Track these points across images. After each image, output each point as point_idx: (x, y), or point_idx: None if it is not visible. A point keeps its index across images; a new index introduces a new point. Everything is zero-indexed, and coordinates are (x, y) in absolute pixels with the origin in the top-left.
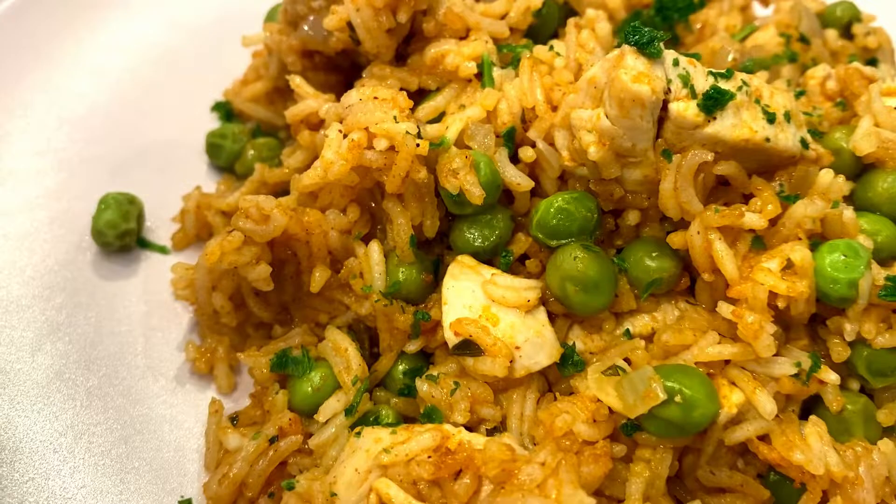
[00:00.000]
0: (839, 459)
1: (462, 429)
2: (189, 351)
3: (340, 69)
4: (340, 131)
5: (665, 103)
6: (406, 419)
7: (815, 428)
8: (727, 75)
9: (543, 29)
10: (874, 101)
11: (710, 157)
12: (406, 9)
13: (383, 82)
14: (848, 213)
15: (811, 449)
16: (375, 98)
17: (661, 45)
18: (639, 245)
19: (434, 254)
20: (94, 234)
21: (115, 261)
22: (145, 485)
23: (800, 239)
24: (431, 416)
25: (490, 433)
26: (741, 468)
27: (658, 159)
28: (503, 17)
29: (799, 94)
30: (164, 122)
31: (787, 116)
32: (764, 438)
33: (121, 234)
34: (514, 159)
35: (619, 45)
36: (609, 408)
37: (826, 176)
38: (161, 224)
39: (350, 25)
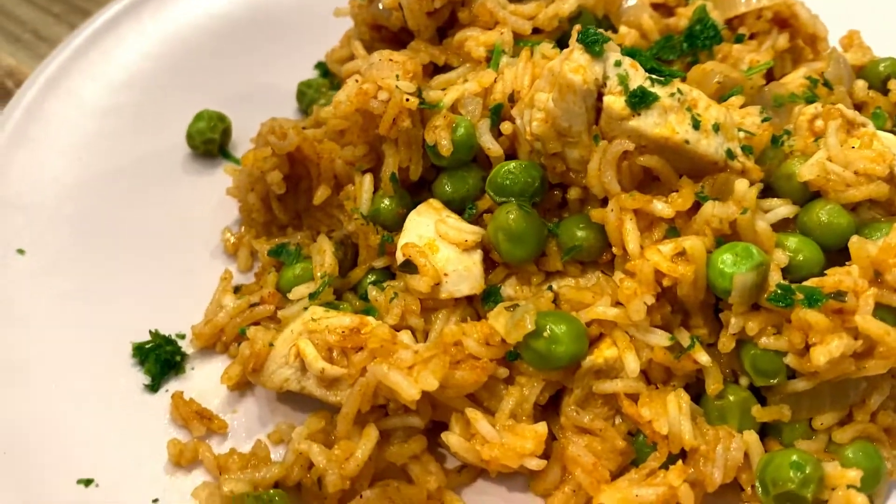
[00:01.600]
0: (693, 431)
1: (380, 322)
2: (224, 234)
3: (402, 43)
4: (357, 80)
5: (601, 95)
6: None
7: (677, 398)
8: (664, 82)
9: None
10: (829, 136)
11: (630, 146)
12: None
13: (416, 53)
14: (762, 224)
15: (666, 413)
16: (391, 60)
17: (604, 46)
18: (574, 217)
19: (420, 197)
20: (187, 138)
21: (199, 162)
22: (165, 311)
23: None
24: (369, 312)
25: None
26: (615, 423)
27: (590, 143)
28: (531, 18)
29: (765, 120)
30: (271, 70)
31: (716, 127)
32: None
33: (206, 141)
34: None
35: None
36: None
37: (741, 185)
38: (242, 143)
39: (400, 5)
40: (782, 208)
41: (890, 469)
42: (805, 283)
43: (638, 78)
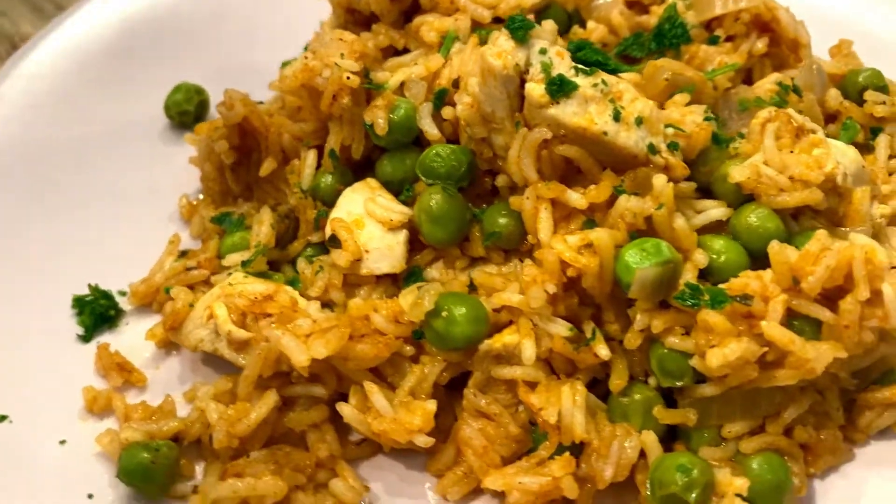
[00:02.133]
0: (588, 424)
1: (297, 294)
2: (181, 201)
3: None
4: (306, 58)
5: (524, 82)
6: None
7: (572, 390)
8: (588, 72)
9: None
10: (766, 139)
11: (549, 135)
12: None
13: (375, 36)
14: (680, 222)
15: (558, 403)
16: (340, 39)
17: (530, 33)
18: (499, 205)
19: (364, 176)
20: (164, 109)
21: (176, 132)
22: (115, 269)
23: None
24: (294, 283)
25: None
26: (517, 410)
27: (513, 129)
28: (492, 7)
29: (707, 119)
30: (261, 48)
31: (639, 121)
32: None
33: (181, 113)
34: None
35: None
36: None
37: (658, 180)
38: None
39: None
40: (715, 210)
41: (798, 486)
42: (717, 286)
43: (562, 67)
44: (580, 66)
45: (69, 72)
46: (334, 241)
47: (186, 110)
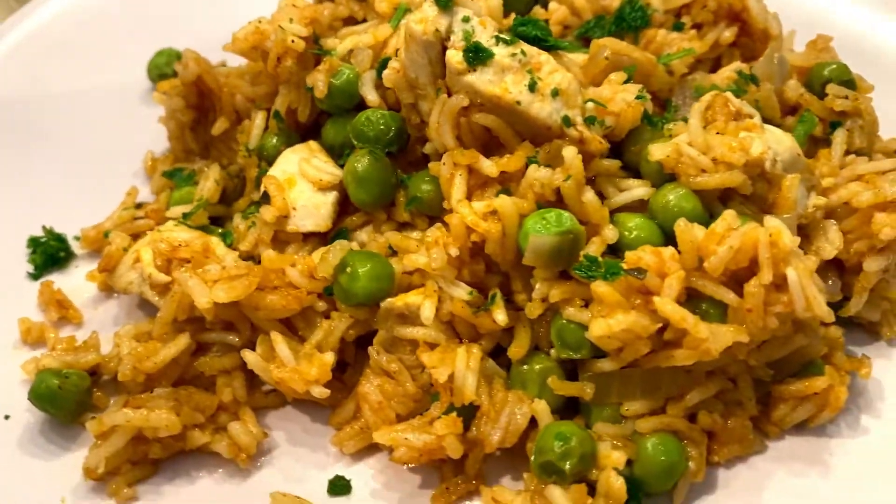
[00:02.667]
0: (480, 388)
1: (220, 244)
2: (146, 157)
3: None
4: (259, 21)
5: (445, 49)
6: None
7: (467, 352)
8: (509, 42)
9: (510, 9)
10: (691, 118)
11: (466, 102)
12: None
13: (336, 6)
14: (590, 195)
15: (452, 366)
16: (293, 5)
17: (454, 0)
18: (424, 171)
19: (311, 140)
20: (147, 71)
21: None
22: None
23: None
24: (225, 237)
25: None
26: (423, 371)
27: (434, 96)
28: None
29: (639, 97)
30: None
31: (555, 93)
32: None
33: (161, 75)
34: None
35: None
36: None
37: (568, 152)
38: None
39: None
40: (638, 189)
41: (694, 470)
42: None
43: (484, 35)
44: (502, 36)
45: (64, 34)
46: (266, 198)
47: (165, 73)
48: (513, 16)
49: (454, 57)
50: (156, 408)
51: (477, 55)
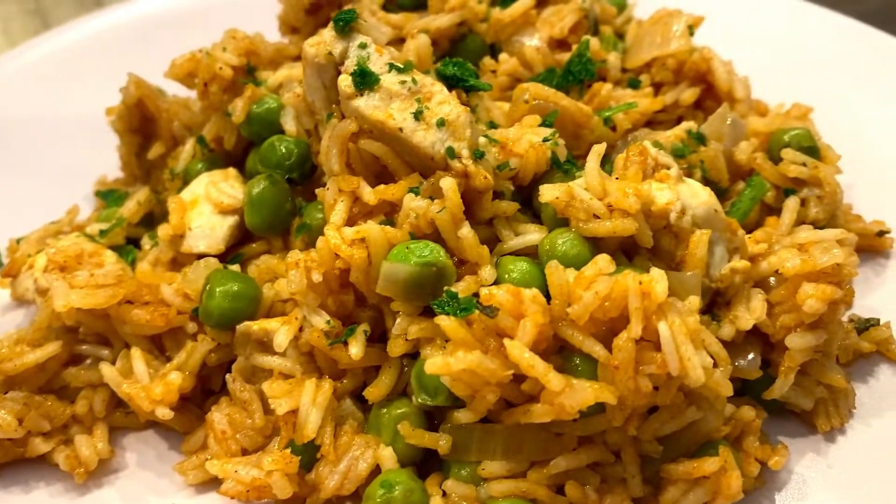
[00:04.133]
0: (318, 424)
1: (119, 263)
2: (99, 180)
3: None
4: (199, 51)
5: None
6: None
7: (314, 387)
8: (401, 70)
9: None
10: (589, 161)
11: (354, 127)
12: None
13: (286, 45)
14: (465, 231)
15: (297, 400)
16: (232, 37)
17: (353, 26)
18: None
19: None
20: None
21: None
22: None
23: None
24: (127, 255)
25: None
26: None
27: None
28: (398, 28)
29: (546, 140)
30: None
31: (440, 122)
32: None
33: None
34: None
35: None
36: None
37: (444, 183)
38: None
39: None
40: (533, 234)
41: None
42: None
43: (379, 62)
44: (395, 63)
45: (68, 62)
46: (164, 217)
47: None
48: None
49: (344, 81)
50: (1, 409)
51: (364, 79)
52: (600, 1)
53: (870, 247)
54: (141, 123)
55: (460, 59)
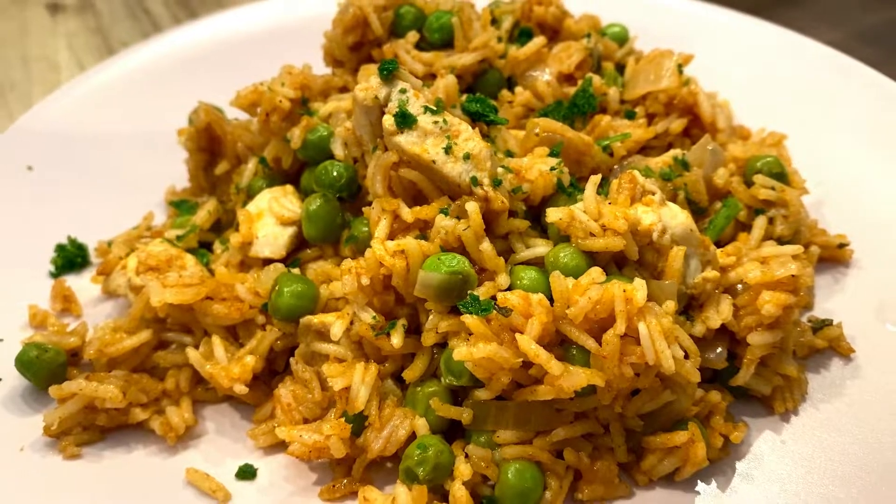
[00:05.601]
0: (367, 399)
1: (192, 260)
2: (168, 190)
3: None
4: (261, 84)
5: (384, 113)
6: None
7: (364, 369)
8: (435, 112)
9: (482, 90)
10: (587, 188)
11: (395, 158)
12: (356, 35)
13: (332, 77)
14: (485, 245)
15: (349, 379)
16: (288, 72)
17: (395, 74)
18: (365, 216)
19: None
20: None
21: None
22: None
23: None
24: (202, 258)
25: None
26: None
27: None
28: (428, 65)
29: (553, 169)
30: None
31: (466, 156)
32: None
33: None
34: None
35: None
36: None
37: (470, 206)
38: None
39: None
40: (540, 248)
41: (550, 499)
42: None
43: (415, 105)
44: (430, 106)
45: (136, 83)
46: (238, 227)
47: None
48: (465, 96)
49: (387, 120)
50: (107, 384)
51: (404, 119)
52: (603, 39)
53: (832, 257)
54: (208, 143)
55: (482, 95)
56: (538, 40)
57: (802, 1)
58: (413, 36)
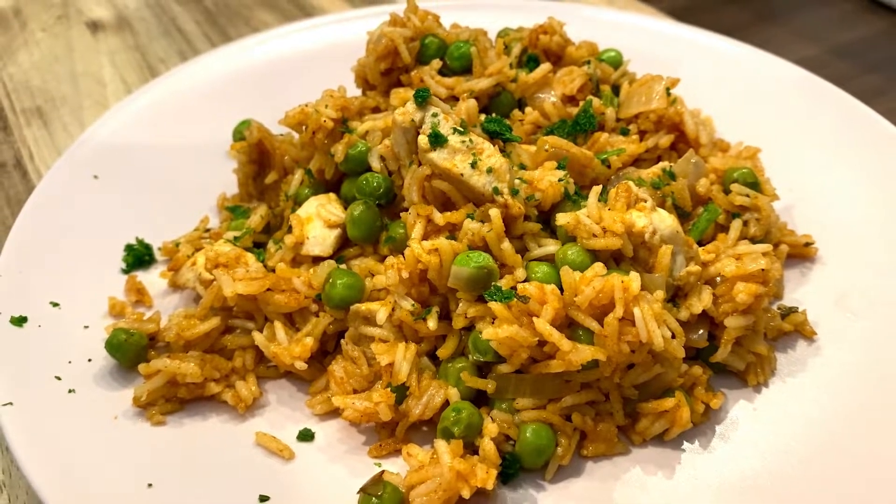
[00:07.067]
0: (408, 372)
1: (253, 258)
2: (220, 197)
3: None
4: (306, 105)
5: (419, 133)
6: None
7: (406, 348)
8: (461, 132)
9: (497, 111)
10: (591, 196)
11: (428, 171)
12: (387, 62)
13: (366, 99)
14: (506, 244)
15: (393, 356)
16: (330, 95)
17: (428, 101)
18: (401, 220)
19: (333, 192)
20: (232, 134)
21: None
22: (170, 232)
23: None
24: (259, 255)
25: None
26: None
27: (408, 166)
28: (450, 88)
29: (560, 180)
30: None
31: (489, 170)
32: None
33: (241, 137)
34: None
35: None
36: None
37: (493, 212)
38: None
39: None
40: (550, 247)
41: (561, 454)
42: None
43: (445, 127)
44: (458, 128)
45: (181, 101)
46: (290, 230)
47: (243, 136)
48: (483, 116)
49: (422, 140)
50: (186, 362)
51: (437, 139)
52: (601, 65)
53: (799, 254)
54: (258, 156)
55: (498, 116)
56: (545, 66)
57: (781, 18)
58: (436, 63)
